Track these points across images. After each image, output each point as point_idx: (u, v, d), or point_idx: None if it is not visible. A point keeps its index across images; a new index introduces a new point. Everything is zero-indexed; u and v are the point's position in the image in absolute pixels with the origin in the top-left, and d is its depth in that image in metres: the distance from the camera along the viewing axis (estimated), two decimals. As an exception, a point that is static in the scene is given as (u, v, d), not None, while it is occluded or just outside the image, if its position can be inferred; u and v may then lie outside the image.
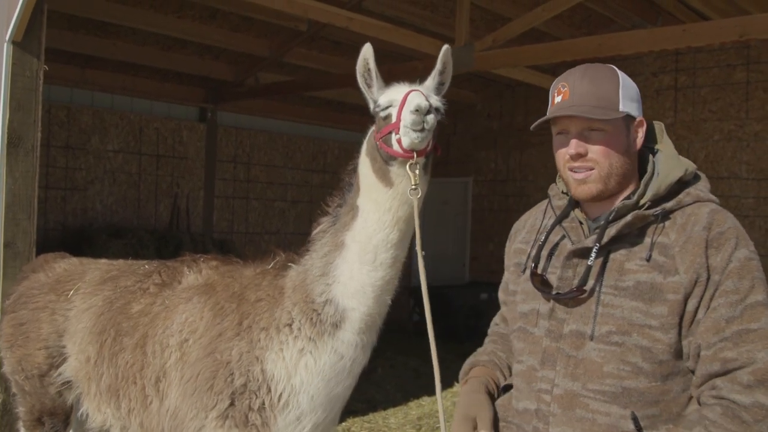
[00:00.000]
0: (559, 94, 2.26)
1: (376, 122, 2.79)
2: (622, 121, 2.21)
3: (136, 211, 11.00)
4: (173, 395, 3.19)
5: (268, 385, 3.00)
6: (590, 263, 2.15)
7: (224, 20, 9.67)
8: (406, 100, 2.61)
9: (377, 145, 2.73)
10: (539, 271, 2.30)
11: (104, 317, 3.59)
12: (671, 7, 9.92)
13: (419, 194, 2.62)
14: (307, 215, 12.82)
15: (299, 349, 3.00)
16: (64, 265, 4.12)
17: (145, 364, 3.32)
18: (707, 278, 2.04)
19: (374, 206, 2.81)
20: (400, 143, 2.61)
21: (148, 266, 3.81)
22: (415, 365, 9.94)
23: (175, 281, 3.53)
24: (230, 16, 9.53)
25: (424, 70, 2.90)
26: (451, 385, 7.96)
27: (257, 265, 3.36)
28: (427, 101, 2.60)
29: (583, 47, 7.78)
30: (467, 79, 12.11)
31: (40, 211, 6.10)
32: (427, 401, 8.29)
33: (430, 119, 2.59)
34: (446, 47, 2.83)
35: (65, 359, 3.75)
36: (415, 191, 2.62)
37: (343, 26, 7.80)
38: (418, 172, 2.61)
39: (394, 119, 2.63)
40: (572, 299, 2.18)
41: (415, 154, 2.61)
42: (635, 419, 2.06)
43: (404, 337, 10.19)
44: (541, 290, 2.26)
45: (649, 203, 2.18)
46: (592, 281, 2.15)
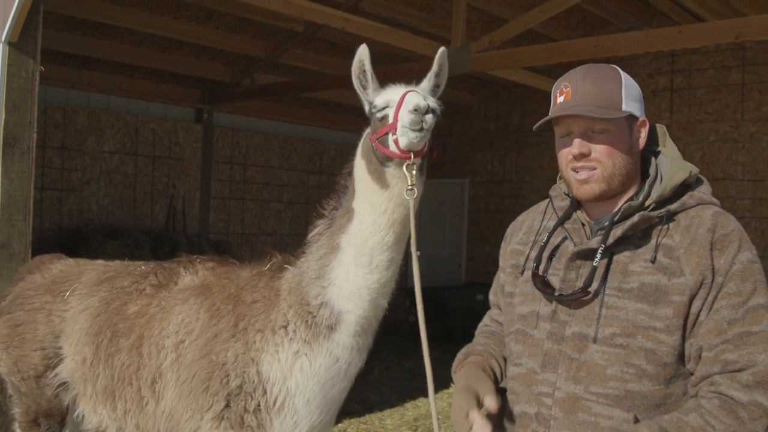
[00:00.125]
0: (561, 94, 2.24)
1: (371, 124, 2.77)
2: (625, 120, 2.20)
3: (132, 212, 10.99)
4: (169, 396, 3.18)
5: (263, 386, 3.00)
6: (596, 264, 2.14)
7: (220, 21, 9.67)
8: (403, 100, 2.60)
9: (373, 146, 2.72)
10: (540, 272, 2.28)
11: (100, 318, 3.59)
12: (667, 8, 9.95)
13: (415, 194, 2.60)
14: (303, 216, 12.81)
15: (294, 351, 2.99)
16: (60, 266, 4.11)
17: (141, 365, 3.32)
18: (712, 280, 2.04)
19: (370, 208, 2.80)
20: (397, 144, 2.60)
21: (144, 267, 3.81)
22: (410, 367, 9.95)
23: (171, 282, 3.52)
24: (226, 17, 9.53)
25: (420, 71, 2.89)
26: (447, 386, 7.96)
27: (253, 266, 3.35)
28: (425, 101, 2.60)
29: (579, 49, 7.79)
30: (463, 80, 12.12)
31: (35, 212, 6.08)
32: (423, 402, 8.30)
33: (428, 119, 2.58)
34: (442, 49, 2.81)
35: (61, 360, 3.74)
36: (411, 192, 2.59)
37: (339, 27, 7.79)
38: (414, 172, 2.59)
39: (390, 120, 2.62)
40: (575, 301, 2.16)
41: (411, 154, 2.59)
42: (638, 423, 2.04)
43: (400, 338, 10.18)
44: (543, 291, 2.24)
45: (653, 205, 2.17)
46: (596, 283, 2.13)
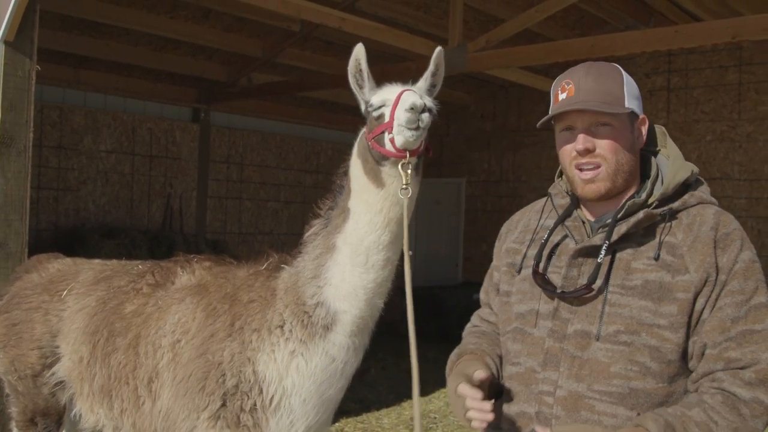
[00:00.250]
0: (563, 91, 2.24)
1: (367, 123, 2.76)
2: (627, 117, 2.21)
3: (128, 211, 10.98)
4: (165, 396, 3.18)
5: (259, 386, 2.99)
6: (600, 261, 2.13)
7: (217, 20, 9.67)
8: (400, 98, 2.59)
9: (369, 145, 2.71)
10: (540, 270, 2.28)
11: (97, 317, 3.58)
12: (664, 8, 9.96)
13: (410, 194, 2.59)
14: (300, 216, 12.82)
15: (290, 351, 2.99)
16: (57, 265, 4.10)
17: (137, 364, 3.31)
18: (716, 277, 2.05)
19: (365, 208, 2.80)
20: (393, 142, 2.59)
21: (141, 267, 3.80)
22: (407, 366, 9.83)
23: (168, 282, 3.52)
24: (223, 16, 9.53)
25: (417, 70, 2.89)
26: (445, 385, 7.95)
27: (250, 266, 3.35)
28: (421, 100, 2.60)
29: (576, 48, 7.81)
30: (460, 80, 12.13)
31: (32, 211, 6.09)
32: (420, 401, 8.28)
33: (425, 117, 2.57)
34: (439, 49, 2.80)
35: (58, 359, 3.74)
36: (405, 191, 2.58)
37: (335, 27, 7.79)
38: (410, 171, 2.58)
39: (387, 119, 2.61)
40: (577, 298, 2.16)
41: (407, 153, 2.58)
42: (641, 415, 2.03)
43: (397, 338, 10.13)
44: (545, 288, 2.23)
45: (656, 203, 2.18)
46: (599, 280, 2.13)
